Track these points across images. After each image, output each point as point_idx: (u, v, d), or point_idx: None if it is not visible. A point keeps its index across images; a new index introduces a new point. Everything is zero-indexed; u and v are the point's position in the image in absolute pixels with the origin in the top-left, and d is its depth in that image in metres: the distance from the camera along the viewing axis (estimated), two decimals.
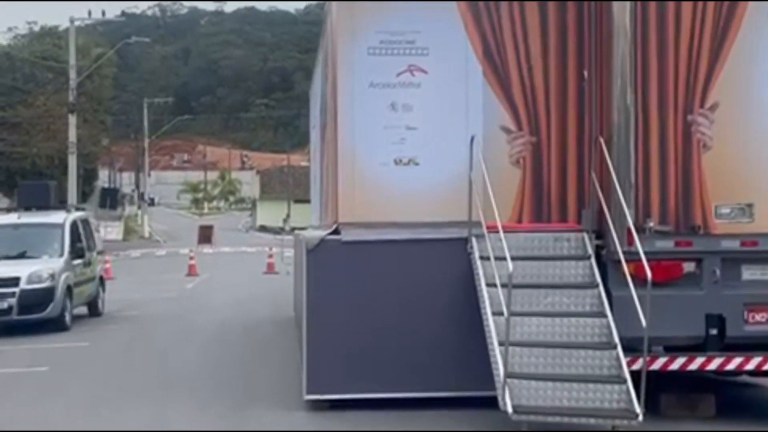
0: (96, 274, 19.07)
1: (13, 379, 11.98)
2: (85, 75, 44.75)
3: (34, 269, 16.50)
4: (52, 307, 16.31)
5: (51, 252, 17.26)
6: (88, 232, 18.94)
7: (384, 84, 9.49)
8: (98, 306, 19.11)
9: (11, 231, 17.88)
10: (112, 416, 9.60)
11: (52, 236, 17.45)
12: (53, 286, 16.37)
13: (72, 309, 17.06)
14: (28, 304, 16.10)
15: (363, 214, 9.44)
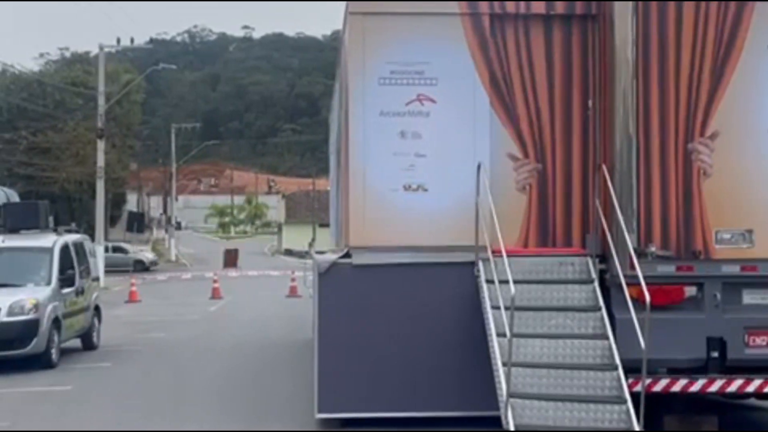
0: (90, 303, 17.25)
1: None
2: (114, 101, 45.52)
3: (16, 299, 14.65)
4: (36, 342, 14.51)
5: (37, 279, 15.44)
6: (81, 256, 17.09)
7: (394, 113, 9.83)
8: (92, 338, 17.34)
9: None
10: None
11: (39, 262, 15.64)
12: (37, 318, 14.56)
13: (60, 343, 15.33)
14: (8, 338, 14.28)
15: (373, 239, 9.75)
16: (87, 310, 16.96)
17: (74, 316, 16.15)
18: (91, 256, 18.16)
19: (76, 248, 16.84)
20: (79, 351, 16.99)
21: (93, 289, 17.71)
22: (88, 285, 17.25)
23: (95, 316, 17.55)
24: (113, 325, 22.53)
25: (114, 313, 25.98)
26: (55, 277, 15.45)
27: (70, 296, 15.90)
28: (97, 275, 18.54)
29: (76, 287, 16.23)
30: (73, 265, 16.23)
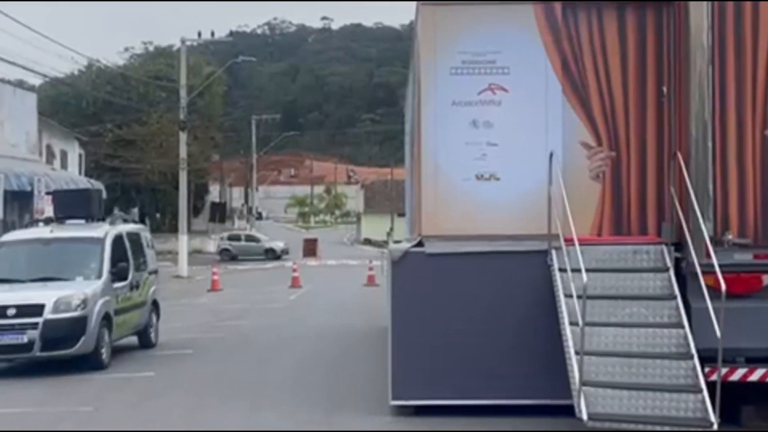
0: (147, 298, 16.11)
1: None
2: (196, 93, 46.29)
3: (62, 295, 13.51)
4: (84, 340, 13.41)
5: (87, 273, 14.31)
6: (137, 248, 15.96)
7: (466, 102, 9.87)
8: (150, 336, 16.27)
9: (41, 248, 14.80)
10: (209, 419, 10.18)
11: (89, 254, 14.53)
12: (85, 315, 13.46)
13: (111, 342, 14.24)
14: (54, 337, 13.23)
15: (446, 228, 9.82)
16: (143, 305, 15.85)
17: (128, 313, 15.09)
18: (149, 247, 16.93)
19: (131, 239, 15.75)
20: (165, 339, 17.21)
21: (150, 283, 16.44)
22: (145, 279, 16.07)
23: (153, 312, 16.43)
24: (196, 312, 23.11)
25: (197, 302, 26.59)
26: (105, 270, 14.34)
27: (123, 291, 14.84)
28: (156, 268, 17.05)
29: (130, 281, 15.13)
30: (127, 257, 15.15)
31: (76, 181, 31.26)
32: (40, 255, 14.71)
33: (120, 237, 15.25)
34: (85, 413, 10.60)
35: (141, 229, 17.16)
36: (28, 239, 15.08)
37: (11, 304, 13.31)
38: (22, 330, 13.18)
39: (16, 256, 14.80)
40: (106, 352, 13.96)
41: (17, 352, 13.31)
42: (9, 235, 15.58)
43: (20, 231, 16.27)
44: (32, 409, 10.83)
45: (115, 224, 15.74)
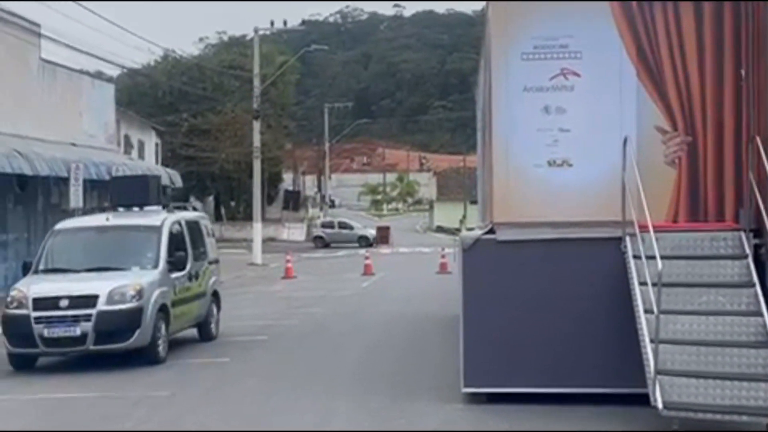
0: (207, 289, 15.48)
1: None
2: (269, 82, 46.71)
3: (117, 285, 12.96)
4: (139, 333, 12.86)
5: (143, 262, 13.74)
6: (196, 236, 15.44)
7: (537, 87, 9.77)
8: (210, 328, 15.64)
9: (96, 236, 14.37)
10: (283, 405, 10.29)
11: (146, 242, 14.00)
12: (141, 306, 12.90)
13: (169, 335, 13.70)
14: (108, 330, 12.73)
15: (517, 214, 9.75)
16: (202, 296, 15.24)
17: (186, 304, 14.49)
18: (210, 236, 16.34)
19: (190, 227, 15.21)
20: (239, 325, 17.49)
21: (210, 273, 15.82)
22: (204, 269, 15.48)
23: (213, 303, 15.80)
24: (270, 300, 23.39)
25: (271, 289, 26.91)
26: (162, 259, 13.76)
27: (181, 281, 14.26)
28: (216, 258, 16.44)
29: (189, 271, 14.54)
30: (185, 246, 14.60)
31: (153, 171, 31.80)
32: (95, 244, 14.27)
33: (178, 225, 14.75)
34: (162, 397, 10.80)
35: (200, 217, 16.62)
36: (84, 227, 14.63)
37: (64, 294, 12.83)
38: (75, 322, 12.70)
39: (71, 244, 14.31)
40: (163, 345, 13.37)
41: (70, 345, 12.82)
42: (64, 223, 14.93)
43: (76, 219, 15.67)
44: (108, 394, 11.08)
45: (173, 212, 15.21)
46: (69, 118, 28.27)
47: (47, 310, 12.73)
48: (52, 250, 14.13)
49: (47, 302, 12.80)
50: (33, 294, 12.94)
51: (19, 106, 24.80)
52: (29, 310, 12.78)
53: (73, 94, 28.90)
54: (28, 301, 12.85)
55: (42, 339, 12.72)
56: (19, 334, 12.87)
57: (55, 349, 12.99)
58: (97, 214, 15.57)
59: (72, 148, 26.59)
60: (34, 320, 12.72)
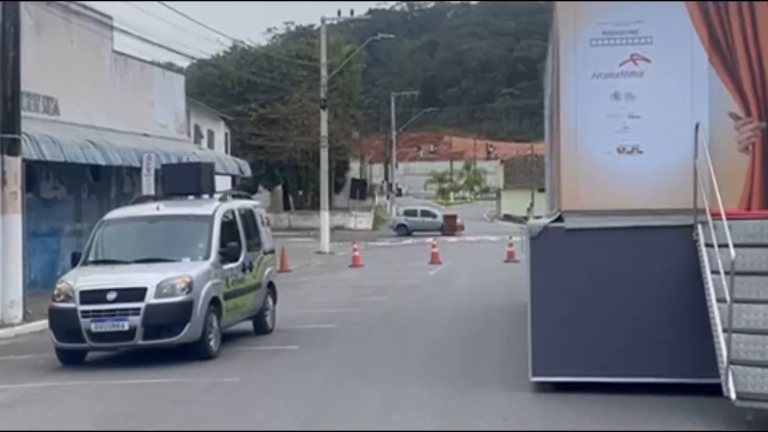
0: (262, 280, 14.92)
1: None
2: (336, 72, 46.90)
3: (165, 277, 12.42)
4: (189, 327, 12.33)
5: (194, 253, 13.22)
6: (250, 226, 14.90)
7: (607, 74, 9.67)
8: (266, 321, 15.12)
9: (146, 226, 13.86)
10: (350, 393, 10.37)
11: (197, 232, 13.45)
12: (190, 299, 12.36)
13: (221, 329, 13.15)
14: (157, 324, 12.24)
15: (586, 202, 9.67)
16: (257, 288, 14.68)
17: (240, 296, 13.96)
18: (265, 225, 15.79)
19: (244, 216, 14.68)
20: (308, 314, 17.57)
21: (266, 264, 15.30)
22: (259, 259, 14.93)
23: (269, 295, 15.26)
24: (338, 288, 23.54)
25: (338, 277, 27.08)
26: (214, 250, 13.21)
27: (234, 273, 13.71)
28: (272, 248, 15.98)
29: (242, 262, 14.01)
30: (239, 236, 14.10)
31: (223, 160, 32.20)
32: (144, 234, 13.75)
33: (231, 214, 14.20)
34: (232, 383, 10.97)
35: (255, 206, 15.89)
36: (133, 217, 14.11)
37: (111, 287, 12.31)
38: (123, 316, 12.16)
39: (119, 235, 13.81)
40: (215, 340, 12.86)
41: (118, 339, 12.28)
42: (113, 213, 14.54)
43: (125, 208, 15.10)
44: (180, 380, 11.28)
45: (226, 200, 14.56)
46: (141, 108, 28.75)
47: (94, 304, 12.21)
48: (100, 241, 13.65)
49: (94, 295, 12.28)
50: (80, 286, 12.42)
51: (92, 97, 25.30)
52: (76, 304, 12.27)
53: (145, 85, 29.38)
54: (75, 294, 12.34)
55: (89, 334, 12.20)
56: (65, 328, 12.38)
57: (102, 344, 12.42)
58: (147, 203, 14.92)
59: (144, 139, 27.04)
60: (81, 314, 12.21)
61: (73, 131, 22.31)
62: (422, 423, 8.75)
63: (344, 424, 8.77)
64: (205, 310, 12.57)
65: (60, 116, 23.23)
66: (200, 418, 9.26)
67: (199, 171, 15.16)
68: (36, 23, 21.94)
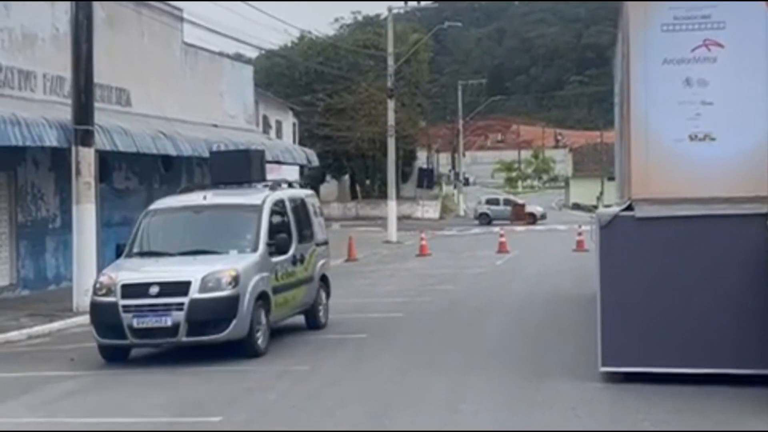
0: (314, 273, 14.24)
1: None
2: (403, 61, 46.88)
3: (211, 271, 11.79)
4: (236, 324, 11.70)
5: (242, 245, 12.60)
6: (302, 216, 14.25)
7: (678, 60, 9.50)
8: (318, 316, 14.46)
9: (192, 216, 13.27)
10: (417, 381, 10.40)
11: (245, 223, 12.84)
12: (237, 294, 11.73)
13: (270, 325, 12.50)
14: (201, 320, 11.62)
15: (657, 191, 9.53)
16: (309, 281, 14.03)
17: (290, 290, 13.31)
18: (317, 215, 15.11)
19: (295, 206, 14.05)
20: (375, 302, 17.59)
21: (318, 256, 14.58)
22: (311, 251, 14.25)
23: (321, 289, 14.61)
24: (405, 277, 23.58)
25: (405, 266, 27.12)
26: (262, 242, 12.60)
27: (283, 265, 13.06)
28: (325, 239, 15.26)
29: (293, 254, 13.38)
30: (289, 226, 13.50)
31: (291, 150, 32.46)
32: (190, 225, 13.19)
33: (281, 204, 13.57)
34: (302, 371, 11.07)
35: (307, 195, 15.17)
36: (178, 207, 13.49)
37: (154, 281, 11.77)
38: (166, 311, 11.56)
39: (165, 225, 13.29)
40: (263, 336, 12.21)
41: (161, 336, 11.71)
42: (159, 203, 13.90)
43: (172, 197, 14.35)
44: (251, 367, 11.42)
45: (276, 189, 13.87)
46: (210, 99, 29.13)
47: (136, 298, 11.65)
48: (145, 232, 13.15)
49: (136, 289, 11.73)
50: (121, 280, 11.89)
51: (163, 89, 25.72)
52: (117, 298, 11.73)
53: (214, 76, 29.75)
54: (116, 288, 11.79)
55: (131, 329, 11.63)
56: (106, 323, 11.84)
57: (145, 341, 11.89)
58: (195, 192, 14.15)
59: (213, 129, 27.40)
60: (123, 309, 11.66)
61: (144, 122, 22.71)
62: (490, 412, 8.73)
63: (411, 413, 8.79)
64: (253, 305, 11.94)
65: (132, 108, 23.67)
66: (271, 405, 9.37)
67: (248, 159, 14.54)
68: (108, 16, 22.35)
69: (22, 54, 19.85)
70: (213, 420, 8.80)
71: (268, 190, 13.75)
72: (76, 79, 16.88)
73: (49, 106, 19.17)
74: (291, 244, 13.39)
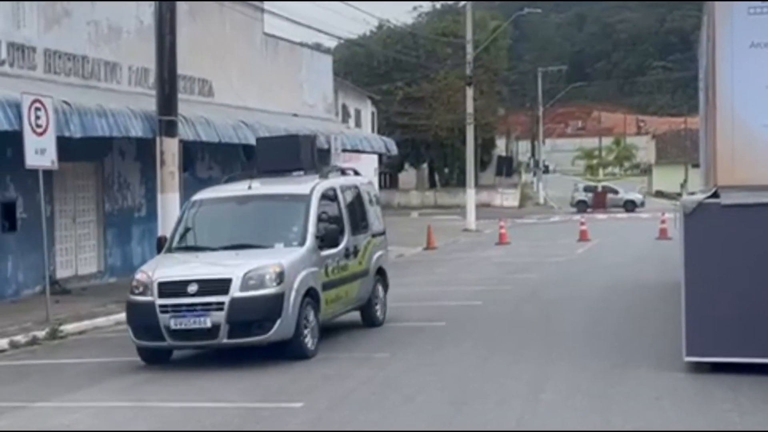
0: (369, 266, 13.35)
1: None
2: (481, 48, 46.61)
3: (254, 266, 10.93)
4: (281, 324, 10.83)
5: (288, 238, 11.76)
6: (356, 205, 13.39)
7: (765, 43, 9.27)
8: (374, 312, 13.53)
9: (235, 208, 12.46)
10: (497, 369, 10.37)
11: (291, 214, 12.00)
12: (281, 291, 10.86)
13: (319, 323, 11.60)
14: (243, 320, 10.77)
15: (743, 177, 9.32)
16: (363, 275, 13.14)
17: (341, 286, 12.43)
18: (374, 204, 14.17)
19: (348, 195, 13.23)
20: (454, 291, 17.53)
21: (375, 248, 13.67)
22: (366, 243, 13.35)
23: (378, 283, 13.68)
24: (484, 265, 23.50)
25: (485, 255, 27.03)
26: (310, 233, 11.74)
27: (335, 259, 12.21)
28: (383, 229, 14.30)
29: (345, 246, 12.53)
30: (341, 217, 12.67)
31: (369, 139, 32.57)
32: (234, 217, 12.41)
33: (332, 193, 12.72)
34: (382, 358, 11.13)
35: (362, 182, 14.18)
36: (222, 197, 12.72)
37: (193, 278, 10.97)
38: (205, 311, 10.74)
39: (207, 218, 12.50)
40: (311, 336, 11.34)
41: (200, 338, 10.89)
42: (202, 193, 13.09)
43: (216, 187, 13.67)
44: (325, 355, 11.49)
45: (327, 177, 13.05)
46: (290, 89, 29.40)
47: (174, 297, 10.88)
48: (187, 225, 12.47)
49: (174, 287, 10.96)
50: (158, 277, 11.11)
51: (244, 79, 26.04)
52: (154, 297, 10.97)
53: (294, 66, 30.01)
54: (153, 286, 11.02)
55: (168, 331, 10.85)
56: (143, 324, 11.08)
57: (183, 343, 11.09)
58: (240, 181, 13.22)
59: (293, 119, 27.64)
60: (160, 308, 10.89)
61: (226, 112, 23.03)
62: (572, 402, 8.66)
63: (492, 401, 8.78)
64: (299, 303, 11.08)
65: (214, 98, 24.03)
66: (351, 392, 9.44)
67: (296, 144, 13.63)
68: (190, 7, 22.69)
69: (108, 46, 20.31)
70: (295, 406, 8.91)
71: (318, 177, 12.86)
72: (160, 70, 17.18)
73: (134, 98, 19.58)
74: (343, 236, 12.56)
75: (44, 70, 18.45)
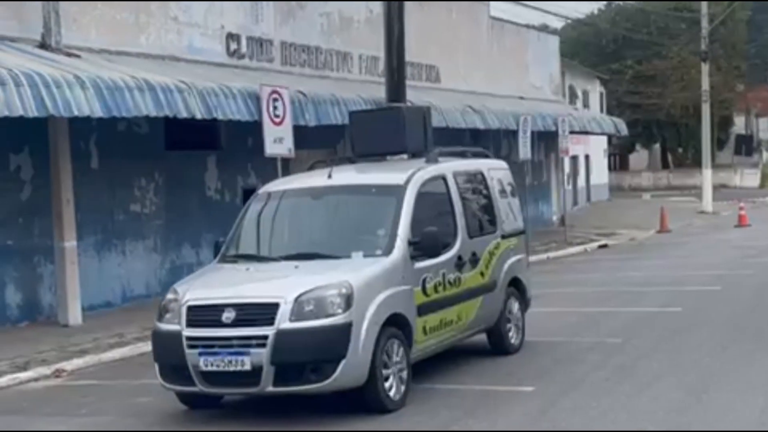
0: (498, 277, 10.17)
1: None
2: (718, 21, 44.44)
3: (311, 287, 7.94)
4: (346, 365, 7.80)
5: (370, 245, 8.68)
6: (478, 198, 10.32)
7: None
8: (505, 336, 10.34)
9: (308, 203, 9.48)
10: (737, 357, 9.90)
11: (378, 212, 9.02)
12: (348, 321, 7.84)
13: (409, 362, 8.47)
14: (293, 361, 7.80)
15: None
16: (487, 290, 9.94)
17: (451, 307, 9.29)
18: (507, 195, 10.84)
19: (465, 184, 10.09)
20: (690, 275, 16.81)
21: (506, 253, 10.42)
22: (493, 248, 10.13)
23: (513, 298, 10.52)
24: (722, 249, 22.49)
25: (723, 237, 25.86)
26: (401, 239, 8.62)
27: (439, 271, 9.03)
28: (519, 228, 10.96)
29: (457, 253, 9.40)
30: (452, 214, 9.57)
31: (598, 120, 31.89)
32: (305, 215, 9.49)
33: (439, 182, 9.59)
34: (614, 344, 10.89)
35: (491, 167, 10.81)
36: (292, 189, 9.69)
37: (229, 301, 8.04)
38: (244, 347, 7.82)
39: (272, 217, 9.51)
40: (396, 380, 8.23)
41: (237, 384, 8.00)
42: (271, 185, 10.12)
43: (291, 177, 11.13)
44: (563, 339, 11.37)
45: (432, 163, 9.74)
46: (516, 72, 29.27)
47: (205, 327, 8.03)
48: (247, 226, 9.51)
49: (205, 313, 8.07)
50: (189, 300, 8.21)
51: (471, 63, 26.18)
52: (181, 326, 8.12)
53: (520, 48, 29.84)
54: (182, 311, 8.17)
55: (198, 373, 7.99)
56: (168, 362, 8.28)
57: (216, 390, 8.14)
58: (323, 168, 10.13)
59: (520, 102, 27.50)
60: (187, 342, 8.03)
61: (453, 97, 23.23)
62: None
63: (732, 390, 8.39)
64: (376, 336, 8.01)
65: (441, 83, 24.29)
66: (583, 377, 9.30)
67: (400, 120, 10.45)
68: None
69: (339, 37, 20.97)
70: (526, 390, 8.88)
71: (424, 162, 9.76)
72: (389, 58, 17.55)
73: (364, 86, 20.11)
74: (455, 240, 9.44)
75: (281, 62, 19.29)
